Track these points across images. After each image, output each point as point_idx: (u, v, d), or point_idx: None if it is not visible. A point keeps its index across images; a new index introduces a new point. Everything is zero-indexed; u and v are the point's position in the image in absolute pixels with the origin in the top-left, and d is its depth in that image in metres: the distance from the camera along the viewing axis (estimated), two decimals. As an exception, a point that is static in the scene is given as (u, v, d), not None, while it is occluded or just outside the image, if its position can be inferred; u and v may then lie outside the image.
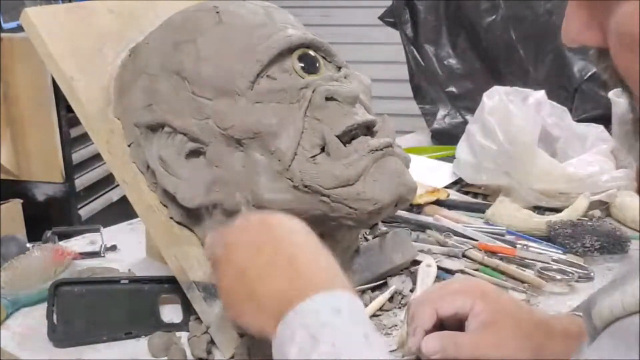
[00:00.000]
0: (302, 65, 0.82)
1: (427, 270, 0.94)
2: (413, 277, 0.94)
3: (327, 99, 0.80)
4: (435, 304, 0.74)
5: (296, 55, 0.82)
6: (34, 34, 0.89)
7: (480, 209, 1.18)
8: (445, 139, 1.60)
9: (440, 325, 0.73)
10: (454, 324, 0.74)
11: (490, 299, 0.74)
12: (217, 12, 0.85)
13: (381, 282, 0.93)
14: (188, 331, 0.83)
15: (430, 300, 0.75)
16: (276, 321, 0.58)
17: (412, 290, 0.91)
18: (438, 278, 0.93)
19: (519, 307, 0.75)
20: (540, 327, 0.73)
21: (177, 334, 0.83)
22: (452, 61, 1.69)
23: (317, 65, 0.83)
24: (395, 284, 0.92)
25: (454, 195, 1.26)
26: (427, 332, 0.72)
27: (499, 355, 0.71)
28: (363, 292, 0.90)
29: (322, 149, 0.78)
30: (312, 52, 0.84)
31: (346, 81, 0.84)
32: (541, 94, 1.29)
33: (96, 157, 2.23)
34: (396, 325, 0.85)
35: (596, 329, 0.46)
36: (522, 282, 0.95)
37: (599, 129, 1.29)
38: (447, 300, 0.74)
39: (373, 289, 0.92)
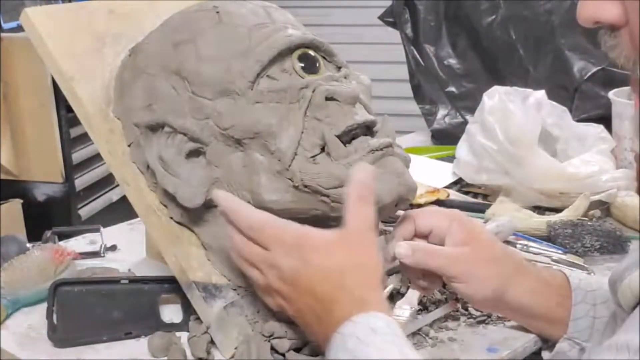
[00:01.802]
0: (302, 65, 0.82)
1: None
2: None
3: (327, 99, 0.79)
4: (413, 218, 0.81)
5: (296, 55, 0.82)
6: (33, 34, 0.89)
7: (480, 209, 1.18)
8: (446, 139, 1.60)
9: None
10: (434, 243, 0.80)
11: (466, 224, 0.80)
12: (217, 12, 0.85)
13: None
14: (188, 331, 0.83)
15: (409, 215, 0.82)
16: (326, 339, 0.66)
17: (409, 289, 0.91)
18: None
19: (493, 239, 0.82)
20: (511, 261, 0.80)
21: (177, 334, 0.83)
22: (452, 61, 1.69)
23: (317, 65, 0.83)
24: (393, 282, 0.92)
25: (454, 195, 1.27)
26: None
27: (466, 271, 0.77)
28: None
29: (322, 149, 0.78)
30: (312, 52, 0.84)
31: (346, 81, 0.84)
32: (541, 93, 1.29)
33: (96, 157, 2.23)
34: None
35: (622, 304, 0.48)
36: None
37: (599, 128, 1.29)
38: (425, 215, 0.82)
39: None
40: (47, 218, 2.07)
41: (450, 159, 1.40)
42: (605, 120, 1.34)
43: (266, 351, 0.77)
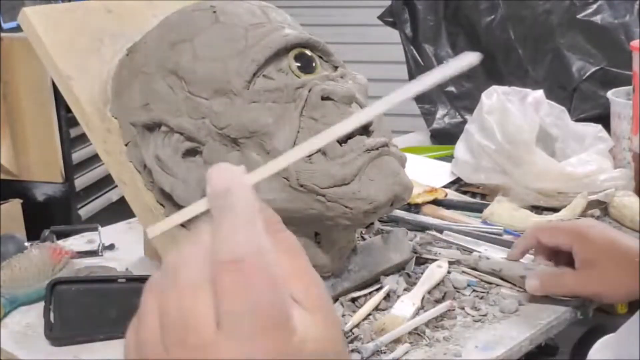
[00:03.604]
0: (299, 64, 0.82)
1: (434, 270, 0.93)
2: (407, 276, 0.94)
3: (324, 98, 0.80)
4: (536, 232, 0.83)
5: (292, 55, 0.82)
6: (31, 34, 0.89)
7: (478, 209, 1.18)
8: (445, 138, 1.60)
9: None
10: (565, 260, 0.81)
11: (591, 242, 0.80)
12: (214, 12, 0.85)
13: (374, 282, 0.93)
14: (185, 330, 0.83)
15: (532, 229, 0.84)
16: None
17: (406, 290, 0.91)
18: (443, 282, 0.93)
19: (615, 246, 0.80)
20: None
21: (174, 332, 0.83)
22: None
23: (314, 64, 0.83)
24: (389, 283, 0.92)
25: (452, 195, 1.26)
26: (540, 257, 0.83)
27: (601, 290, 0.78)
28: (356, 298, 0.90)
29: (318, 149, 0.79)
30: (308, 52, 0.84)
31: (342, 81, 0.84)
32: (540, 93, 1.29)
33: (96, 157, 2.22)
34: (393, 324, 0.85)
35: None
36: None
37: (597, 128, 1.29)
38: (547, 231, 0.83)
39: (369, 291, 0.92)
40: (47, 218, 2.07)
41: (449, 158, 1.40)
42: (603, 119, 1.34)
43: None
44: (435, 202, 1.19)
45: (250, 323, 0.32)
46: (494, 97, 1.27)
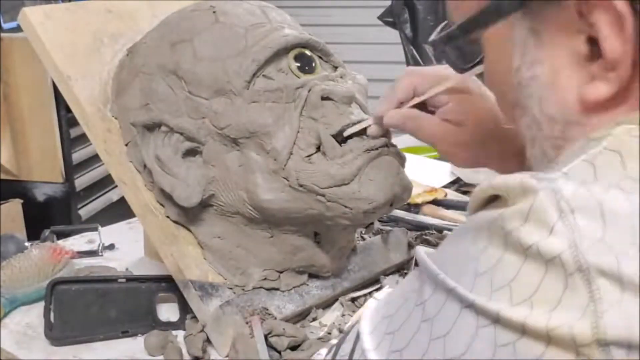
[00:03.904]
0: (298, 64, 0.82)
1: None
2: (405, 276, 0.94)
3: (323, 98, 0.80)
4: (415, 78, 0.74)
5: (292, 55, 0.82)
6: (31, 34, 0.89)
7: (477, 209, 1.18)
8: (444, 138, 1.60)
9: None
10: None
11: (465, 99, 0.74)
12: (214, 12, 0.85)
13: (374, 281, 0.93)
14: (184, 330, 0.84)
15: (411, 74, 0.75)
16: None
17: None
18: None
19: (492, 115, 0.73)
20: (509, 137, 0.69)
21: (174, 332, 0.84)
22: (451, 61, 1.69)
23: (313, 64, 0.84)
24: (389, 283, 0.92)
25: (452, 195, 1.27)
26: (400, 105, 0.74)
27: (457, 150, 0.73)
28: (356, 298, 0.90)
29: (318, 149, 0.79)
30: (308, 52, 0.84)
31: (342, 81, 0.84)
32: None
33: (96, 157, 2.21)
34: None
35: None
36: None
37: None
38: (428, 79, 0.74)
39: (369, 291, 0.92)
40: (47, 218, 2.07)
41: (448, 158, 1.40)
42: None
43: (253, 350, 0.77)
44: (435, 202, 1.20)
45: None
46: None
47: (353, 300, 0.90)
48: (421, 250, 0.48)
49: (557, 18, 0.45)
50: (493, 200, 0.44)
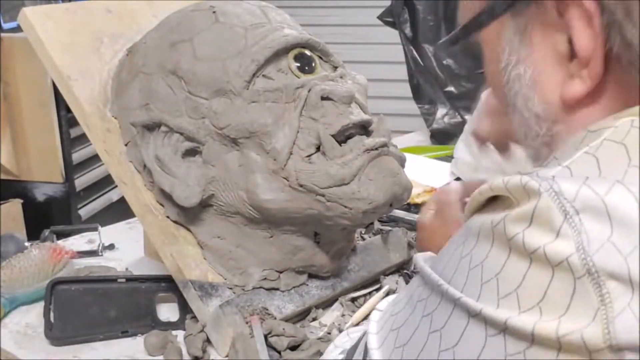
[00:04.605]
0: (298, 64, 0.82)
1: None
2: (406, 276, 0.94)
3: (323, 98, 0.80)
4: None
5: (292, 55, 0.82)
6: (31, 34, 0.89)
7: (477, 209, 1.18)
8: (445, 138, 1.61)
9: None
10: None
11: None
12: (214, 12, 0.85)
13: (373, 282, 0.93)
14: (184, 330, 0.84)
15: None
16: None
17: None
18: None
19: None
20: None
21: (174, 332, 0.84)
22: (451, 61, 1.69)
23: (313, 64, 0.84)
24: (388, 283, 0.92)
25: (452, 195, 1.26)
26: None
27: (439, 236, 0.75)
28: (356, 298, 0.90)
29: (318, 149, 0.79)
30: (308, 52, 0.84)
31: (342, 81, 0.84)
32: (539, 93, 1.28)
33: (96, 157, 2.21)
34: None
35: None
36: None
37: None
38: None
39: (369, 291, 0.92)
40: (47, 218, 2.07)
41: (448, 158, 1.40)
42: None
43: (253, 350, 0.77)
44: (435, 202, 1.19)
45: None
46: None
47: (353, 300, 0.90)
48: (420, 259, 0.48)
49: (540, 17, 0.46)
50: (491, 202, 0.44)
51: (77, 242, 1.10)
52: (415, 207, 1.17)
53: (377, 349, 0.48)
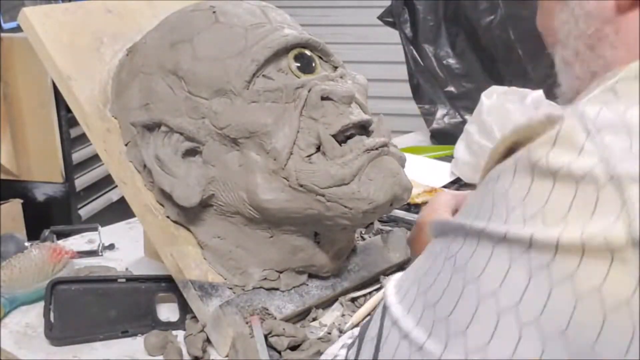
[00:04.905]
0: (298, 64, 0.82)
1: None
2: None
3: (323, 98, 0.80)
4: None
5: (292, 55, 0.82)
6: (31, 34, 0.89)
7: (477, 209, 1.18)
8: (445, 138, 1.60)
9: None
10: None
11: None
12: (214, 12, 0.85)
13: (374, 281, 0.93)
14: (184, 330, 0.84)
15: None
16: None
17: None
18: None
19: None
20: None
21: (174, 332, 0.84)
22: (451, 61, 1.69)
23: (313, 64, 0.84)
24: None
25: (452, 195, 1.26)
26: None
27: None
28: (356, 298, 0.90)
29: (318, 149, 0.79)
30: (308, 52, 0.84)
31: (342, 81, 0.84)
32: (539, 93, 1.29)
33: (96, 157, 2.21)
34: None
35: None
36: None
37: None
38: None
39: (369, 291, 0.92)
40: (47, 218, 2.07)
41: (448, 158, 1.40)
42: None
43: (253, 350, 0.77)
44: (435, 202, 1.19)
45: None
46: (493, 97, 1.27)
47: (353, 300, 0.90)
48: (434, 220, 0.50)
49: None
50: (509, 154, 0.45)
51: (77, 242, 1.10)
52: (415, 207, 1.17)
53: (406, 316, 0.47)
